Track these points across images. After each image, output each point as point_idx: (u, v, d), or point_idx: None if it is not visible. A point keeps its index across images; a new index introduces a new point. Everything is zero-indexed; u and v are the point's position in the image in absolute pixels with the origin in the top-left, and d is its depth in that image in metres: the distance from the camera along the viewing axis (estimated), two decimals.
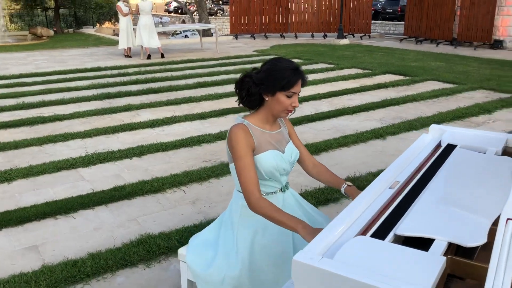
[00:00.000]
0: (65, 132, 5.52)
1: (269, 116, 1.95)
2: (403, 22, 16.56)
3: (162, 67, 10.35)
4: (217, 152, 4.86)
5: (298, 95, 1.92)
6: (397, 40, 16.28)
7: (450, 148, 2.03)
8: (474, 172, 1.76)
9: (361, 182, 3.97)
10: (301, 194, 3.31)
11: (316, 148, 4.86)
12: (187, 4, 30.88)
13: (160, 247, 3.01)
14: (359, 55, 12.10)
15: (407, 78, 8.80)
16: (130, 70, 9.85)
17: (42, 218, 3.45)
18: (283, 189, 2.06)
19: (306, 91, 7.73)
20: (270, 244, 1.98)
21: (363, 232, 1.45)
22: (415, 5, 15.20)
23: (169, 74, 9.39)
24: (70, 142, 5.21)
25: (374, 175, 4.15)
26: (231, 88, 8.08)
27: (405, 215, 1.47)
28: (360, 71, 9.65)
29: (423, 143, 2.19)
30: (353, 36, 16.79)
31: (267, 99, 1.89)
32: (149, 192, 3.89)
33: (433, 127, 2.28)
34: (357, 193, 2.01)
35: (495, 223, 1.39)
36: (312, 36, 17.08)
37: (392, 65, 10.18)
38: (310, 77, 9.07)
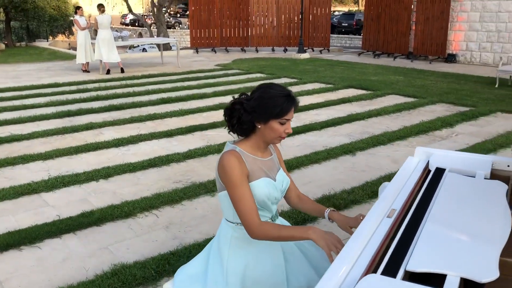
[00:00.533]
0: (24, 153, 5.24)
1: (261, 143, 1.89)
2: (358, 36, 16.99)
3: (123, 82, 10.11)
4: (187, 172, 4.74)
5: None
6: (355, 54, 16.66)
7: (439, 172, 2.03)
8: (469, 198, 1.76)
9: (336, 201, 3.96)
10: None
11: (287, 165, 4.83)
12: (144, 16, 30.54)
13: (136, 277, 2.86)
14: (321, 69, 12.28)
15: (370, 92, 8.98)
16: (90, 86, 9.55)
17: (5, 250, 3.23)
18: (273, 218, 1.99)
19: None
20: (263, 276, 1.90)
21: (371, 268, 1.40)
22: (372, 20, 15.63)
23: (131, 89, 9.17)
24: (30, 164, 4.95)
25: (348, 192, 4.15)
26: (196, 104, 8.01)
27: (411, 248, 1.43)
28: (323, 85, 9.76)
29: (410, 166, 2.18)
30: (313, 50, 17.05)
31: (259, 126, 1.83)
32: (119, 217, 3.73)
33: (419, 150, 2.29)
34: (342, 217, 2.00)
35: (502, 253, 1.38)
36: (273, 50, 17.22)
37: (354, 80, 10.37)
38: None
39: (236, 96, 1.92)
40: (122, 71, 11.55)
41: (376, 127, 6.48)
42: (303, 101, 8.16)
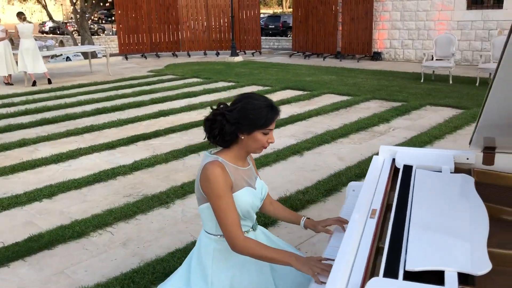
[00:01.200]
0: None
1: (243, 153, 1.87)
2: (285, 38, 17.35)
3: (53, 94, 9.59)
4: (137, 185, 4.58)
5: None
6: (286, 55, 16.98)
7: (408, 169, 2.11)
8: (443, 193, 1.84)
9: (293, 202, 4.00)
10: None
11: None
12: (65, 24, 29.18)
13: None
14: (256, 71, 12.39)
15: (306, 93, 9.18)
16: (16, 100, 8.97)
17: None
18: (254, 227, 1.97)
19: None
20: (250, 286, 1.88)
21: (368, 271, 1.42)
22: (301, 22, 16.01)
23: (62, 101, 8.72)
24: None
25: (303, 193, 4.21)
26: (134, 112, 7.77)
27: (403, 248, 1.47)
28: (260, 87, 9.85)
29: (378, 165, 2.25)
30: (245, 53, 17.17)
31: (242, 137, 1.80)
32: (71, 238, 3.52)
33: (383, 148, 2.36)
34: (318, 224, 2.04)
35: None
36: (205, 54, 17.13)
37: (289, 81, 10.57)
38: (214, 96, 9.06)
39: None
40: (50, 82, 10.96)
41: (318, 127, 6.64)
42: None
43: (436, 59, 10.36)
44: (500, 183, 2.07)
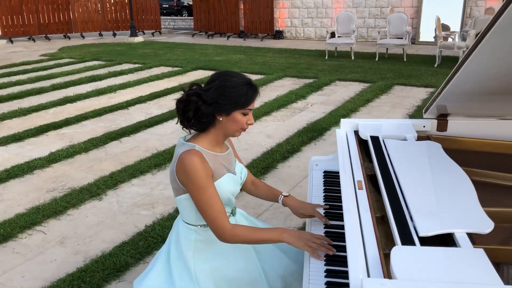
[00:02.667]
0: None
1: (221, 137, 1.74)
2: (181, 17, 17.00)
3: None
4: (59, 178, 4.21)
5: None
6: (188, 35, 16.63)
7: (375, 140, 2.16)
8: (420, 160, 1.91)
9: None
10: None
11: (170, 156, 4.64)
12: None
13: None
14: (161, 52, 11.97)
15: None
16: None
17: None
18: (234, 211, 1.90)
19: (126, 95, 7.31)
20: (237, 274, 1.81)
21: (378, 242, 1.44)
22: (201, 1, 15.73)
23: None
24: None
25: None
26: (36, 100, 7.10)
27: (407, 217, 1.50)
28: (170, 69, 9.55)
29: (342, 138, 2.29)
30: (144, 33, 16.50)
31: (221, 119, 1.67)
32: None
33: (344, 121, 2.40)
34: (297, 203, 1.97)
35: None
36: (101, 35, 16.15)
37: (199, 61, 10.37)
38: (122, 79, 8.60)
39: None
40: None
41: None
42: (156, 86, 7.89)
43: (338, 36, 10.82)
44: (455, 147, 2.21)
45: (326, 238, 1.69)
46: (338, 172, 2.34)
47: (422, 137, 2.25)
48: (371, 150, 2.06)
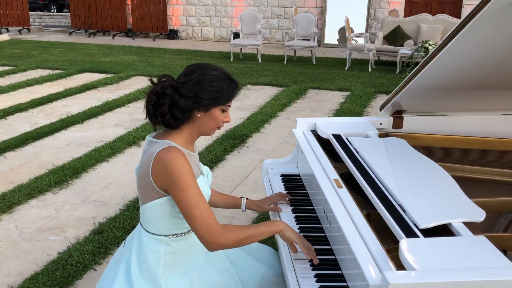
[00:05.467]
0: None
1: (195, 135, 1.75)
2: (49, 13, 16.32)
3: None
4: None
5: None
6: (63, 33, 15.90)
7: (338, 138, 2.30)
8: (392, 156, 2.08)
9: None
10: None
11: (69, 172, 4.41)
12: None
13: None
14: (34, 52, 11.30)
15: (111, 76, 8.82)
16: None
17: None
18: None
19: (1, 102, 6.79)
20: (213, 286, 1.81)
21: (381, 238, 1.55)
22: None
23: None
24: None
25: None
26: None
27: (401, 212, 1.63)
28: (50, 71, 9.07)
29: (301, 138, 2.40)
30: (8, 31, 15.43)
31: (198, 115, 1.68)
32: None
33: (300, 121, 2.53)
34: (261, 203, 2.14)
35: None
36: None
37: (84, 62, 9.98)
38: None
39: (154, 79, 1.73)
40: None
41: (142, 112, 6.48)
42: (37, 92, 7.46)
43: (243, 37, 11.10)
44: (415, 143, 2.42)
45: (312, 248, 1.76)
46: (297, 175, 2.50)
47: (382, 134, 2.44)
48: (338, 149, 2.19)
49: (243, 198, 2.13)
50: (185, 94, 1.64)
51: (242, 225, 1.73)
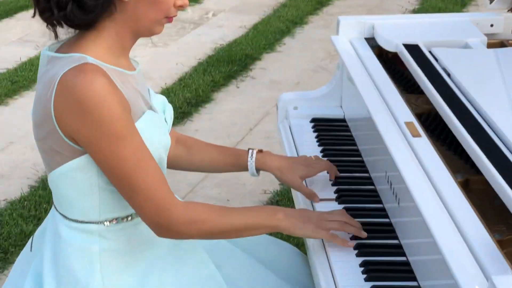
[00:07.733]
0: None
1: (127, 38, 1.32)
2: None
3: None
4: None
5: None
6: None
7: (416, 50, 1.73)
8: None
9: None
10: None
11: None
12: None
13: None
14: None
15: None
16: None
17: None
18: None
19: None
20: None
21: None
22: None
23: None
24: None
25: None
26: None
27: None
28: None
29: (351, 50, 1.88)
30: None
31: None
32: None
33: (346, 21, 1.98)
34: (287, 167, 1.59)
35: None
36: None
37: None
38: None
39: None
40: None
41: None
42: None
43: None
44: None
45: (347, 215, 1.40)
46: (341, 120, 1.99)
47: (493, 43, 1.87)
48: (413, 69, 1.62)
49: (251, 151, 1.59)
50: None
51: (219, 207, 1.39)
